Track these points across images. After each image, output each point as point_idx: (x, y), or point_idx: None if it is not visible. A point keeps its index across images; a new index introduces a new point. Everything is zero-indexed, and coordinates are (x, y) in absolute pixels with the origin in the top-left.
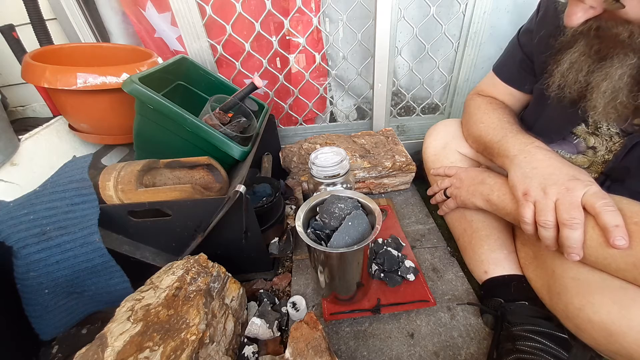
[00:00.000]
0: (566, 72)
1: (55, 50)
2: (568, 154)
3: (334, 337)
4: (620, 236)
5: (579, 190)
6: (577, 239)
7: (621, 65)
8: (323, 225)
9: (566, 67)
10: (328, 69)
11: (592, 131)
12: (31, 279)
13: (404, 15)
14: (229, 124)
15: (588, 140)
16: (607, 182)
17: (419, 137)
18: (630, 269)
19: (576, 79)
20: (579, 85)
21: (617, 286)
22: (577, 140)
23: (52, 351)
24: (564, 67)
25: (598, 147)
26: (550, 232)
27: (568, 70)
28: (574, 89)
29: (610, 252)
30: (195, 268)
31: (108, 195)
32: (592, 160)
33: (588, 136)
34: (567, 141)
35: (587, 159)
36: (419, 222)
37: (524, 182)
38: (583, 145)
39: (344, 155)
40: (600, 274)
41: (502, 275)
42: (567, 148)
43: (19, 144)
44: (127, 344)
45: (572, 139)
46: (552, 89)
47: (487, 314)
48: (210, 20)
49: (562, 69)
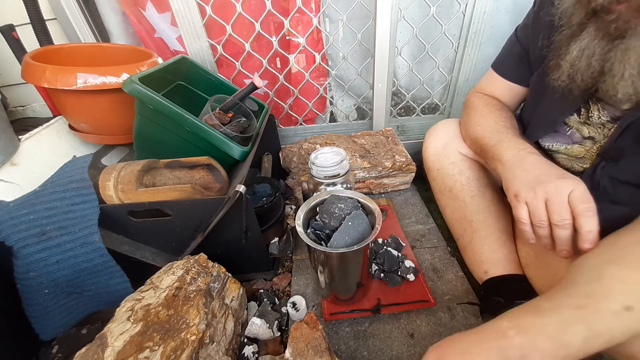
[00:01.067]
0: (576, 59)
1: (55, 50)
2: (563, 145)
3: (334, 337)
4: (589, 240)
5: (566, 189)
6: (566, 237)
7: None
8: (323, 225)
9: (575, 55)
10: (328, 69)
11: (583, 121)
12: (31, 279)
13: (404, 15)
14: (229, 124)
15: (582, 130)
16: (602, 162)
17: (419, 137)
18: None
19: (588, 64)
20: (592, 70)
21: None
22: (570, 131)
23: (52, 351)
24: (573, 56)
25: (596, 137)
26: (546, 230)
27: (578, 57)
28: (587, 74)
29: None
30: (195, 268)
31: (108, 195)
32: (589, 149)
33: (581, 126)
34: (560, 133)
35: (585, 149)
36: (419, 222)
37: (515, 184)
38: (578, 135)
39: (344, 155)
40: None
41: (503, 275)
42: (562, 139)
43: (19, 144)
44: (127, 344)
45: (566, 130)
46: (562, 79)
47: (487, 313)
48: (210, 20)
49: (571, 58)
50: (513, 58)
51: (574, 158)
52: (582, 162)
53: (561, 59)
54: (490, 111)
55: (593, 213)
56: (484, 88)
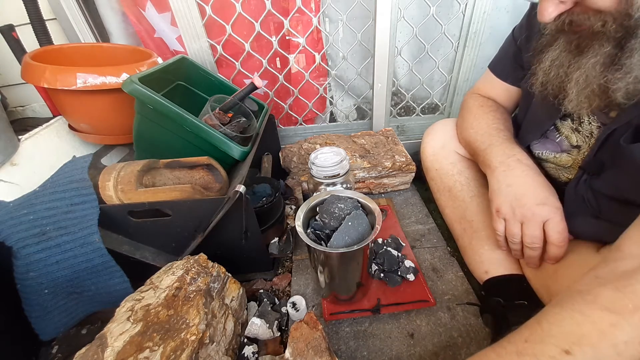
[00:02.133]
0: (548, 69)
1: (55, 50)
2: (552, 153)
3: (334, 337)
4: (553, 262)
5: (543, 217)
6: (534, 256)
7: (595, 55)
8: (323, 225)
9: (548, 65)
10: (328, 69)
11: (575, 127)
12: (31, 279)
13: (404, 15)
14: (229, 124)
15: (570, 138)
16: (585, 175)
17: (418, 137)
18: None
19: (557, 74)
20: (560, 80)
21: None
22: (559, 139)
23: (52, 351)
24: (546, 65)
25: (582, 146)
26: (517, 246)
27: (549, 67)
28: (556, 84)
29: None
30: (195, 268)
31: (108, 196)
32: (575, 159)
33: (571, 134)
34: (550, 139)
35: (572, 158)
36: (419, 222)
37: (498, 199)
38: (566, 143)
39: (343, 155)
40: None
41: (502, 275)
42: (551, 147)
43: (19, 144)
44: (127, 344)
45: (556, 136)
46: (536, 86)
47: (487, 313)
48: (210, 20)
49: (544, 67)
50: (509, 59)
51: (561, 167)
52: (568, 172)
53: (538, 66)
54: (484, 112)
55: (564, 244)
56: (480, 89)
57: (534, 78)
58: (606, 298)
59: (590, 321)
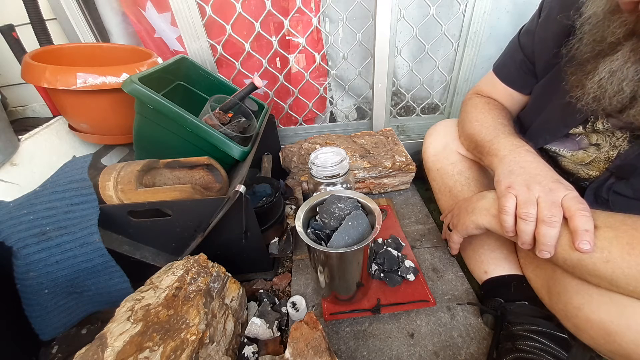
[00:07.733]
0: (604, 82)
1: (55, 50)
2: (570, 151)
3: (334, 337)
4: (587, 240)
5: (561, 192)
6: (552, 236)
7: None
8: (323, 225)
9: (605, 77)
10: (328, 69)
11: (595, 128)
12: (31, 279)
13: (404, 15)
14: (229, 124)
15: (590, 137)
16: (611, 179)
17: (418, 137)
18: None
19: (620, 89)
20: (623, 95)
21: None
22: (578, 137)
23: (52, 351)
24: (602, 77)
25: (602, 144)
26: (531, 226)
27: (607, 79)
28: (617, 99)
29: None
30: (195, 268)
31: (108, 196)
32: (594, 157)
33: (591, 132)
34: (569, 138)
35: (588, 155)
36: (419, 222)
37: (509, 178)
38: (585, 142)
39: (343, 155)
40: None
41: (502, 275)
42: (570, 145)
43: (19, 144)
44: (127, 344)
45: (575, 135)
46: (586, 100)
47: (487, 313)
48: (210, 20)
49: (599, 79)
50: (515, 65)
51: (579, 164)
52: (588, 168)
53: (586, 77)
54: (489, 109)
55: (589, 213)
56: (483, 90)
57: (580, 91)
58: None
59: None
